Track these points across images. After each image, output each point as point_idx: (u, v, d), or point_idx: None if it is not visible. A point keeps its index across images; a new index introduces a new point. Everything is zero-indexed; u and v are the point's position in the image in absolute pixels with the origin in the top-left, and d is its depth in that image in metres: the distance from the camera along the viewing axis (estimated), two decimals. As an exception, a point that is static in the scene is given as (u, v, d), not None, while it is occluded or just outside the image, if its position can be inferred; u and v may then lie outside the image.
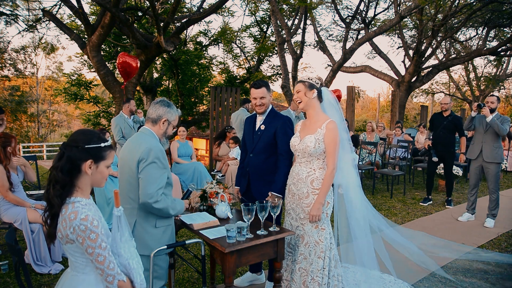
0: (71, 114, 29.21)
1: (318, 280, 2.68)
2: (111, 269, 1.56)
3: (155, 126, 2.51)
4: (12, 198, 3.68)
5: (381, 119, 30.67)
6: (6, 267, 3.65)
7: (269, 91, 3.12)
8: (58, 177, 1.57)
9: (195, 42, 15.10)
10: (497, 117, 5.17)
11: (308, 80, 2.82)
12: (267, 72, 16.04)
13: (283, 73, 11.33)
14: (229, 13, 14.53)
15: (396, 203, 6.55)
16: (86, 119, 14.44)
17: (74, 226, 1.51)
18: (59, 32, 12.95)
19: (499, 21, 13.03)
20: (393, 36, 16.25)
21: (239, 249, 2.32)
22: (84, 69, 14.09)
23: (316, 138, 2.73)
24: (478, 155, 5.37)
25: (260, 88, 3.08)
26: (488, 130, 5.26)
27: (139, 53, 8.50)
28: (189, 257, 4.08)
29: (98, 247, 1.52)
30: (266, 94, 3.09)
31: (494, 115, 5.16)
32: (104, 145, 1.66)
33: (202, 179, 6.24)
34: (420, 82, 14.25)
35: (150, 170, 2.32)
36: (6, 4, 11.15)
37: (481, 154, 5.34)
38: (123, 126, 6.14)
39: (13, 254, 2.03)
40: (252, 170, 3.17)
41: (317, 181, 2.74)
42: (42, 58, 37.98)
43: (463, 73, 22.33)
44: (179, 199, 2.57)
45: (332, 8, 13.52)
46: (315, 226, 2.75)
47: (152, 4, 6.93)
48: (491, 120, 5.10)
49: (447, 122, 6.15)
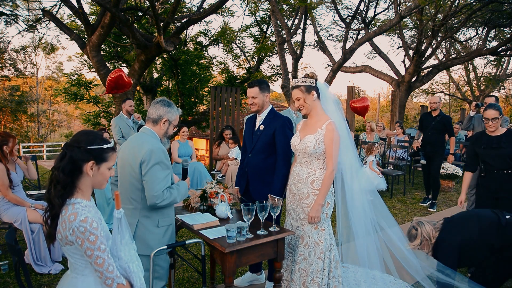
0: (71, 114, 29.22)
1: (318, 281, 2.68)
2: (110, 272, 1.55)
3: (156, 126, 2.50)
4: (12, 197, 3.68)
5: (381, 119, 30.66)
6: (6, 267, 3.65)
7: (262, 91, 3.08)
8: (60, 177, 1.57)
9: (195, 42, 15.10)
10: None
11: (303, 83, 2.75)
12: (267, 72, 16.04)
13: (283, 73, 11.34)
14: (229, 13, 14.53)
15: (396, 203, 6.55)
16: (86, 119, 14.44)
17: (73, 228, 1.51)
18: (59, 32, 12.96)
19: (499, 21, 13.03)
20: (393, 36, 16.26)
21: (239, 249, 2.32)
22: (84, 69, 14.11)
23: (316, 139, 2.72)
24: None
25: (252, 88, 3.08)
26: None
27: (139, 53, 8.50)
28: (189, 257, 4.08)
29: (97, 250, 1.52)
30: (258, 94, 3.07)
31: None
32: (107, 147, 1.65)
33: (202, 179, 6.24)
34: (420, 82, 14.25)
35: (154, 172, 2.32)
36: (6, 4, 11.16)
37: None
38: (122, 126, 6.14)
39: (13, 254, 2.03)
40: (251, 170, 3.16)
41: (317, 182, 2.74)
42: (42, 58, 38.04)
43: (463, 73, 22.36)
44: (181, 182, 2.56)
45: (332, 8, 13.53)
46: (315, 227, 2.74)
47: (152, 4, 6.93)
48: None
49: (435, 123, 5.97)
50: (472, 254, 2.97)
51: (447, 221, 3.13)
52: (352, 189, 2.95)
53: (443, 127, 5.98)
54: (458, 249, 2.93)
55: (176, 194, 2.42)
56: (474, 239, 2.94)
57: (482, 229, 2.95)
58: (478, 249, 2.94)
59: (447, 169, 7.24)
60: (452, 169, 7.23)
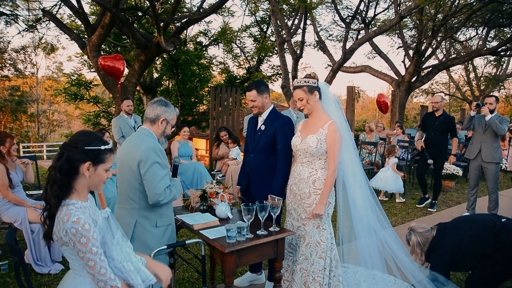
0: (71, 114, 29.23)
1: (319, 280, 2.68)
2: (102, 275, 1.53)
3: (153, 126, 2.51)
4: (12, 197, 3.68)
5: (381, 119, 30.66)
6: (6, 267, 3.65)
7: (261, 93, 3.07)
8: (56, 177, 1.56)
9: (195, 42, 15.11)
10: (496, 117, 5.15)
11: (306, 84, 2.75)
12: (267, 72, 16.04)
13: (283, 73, 11.34)
14: (229, 13, 14.54)
15: (396, 203, 6.55)
16: (86, 119, 14.46)
17: (66, 229, 1.49)
18: (59, 32, 12.97)
19: (499, 21, 13.03)
20: (393, 36, 16.27)
21: (239, 249, 2.31)
22: (84, 69, 14.12)
23: (318, 138, 2.72)
24: (476, 155, 5.36)
25: (250, 91, 3.07)
26: (487, 130, 5.24)
27: (139, 53, 8.50)
28: (189, 257, 4.08)
29: (89, 252, 1.50)
30: (256, 96, 3.06)
31: (494, 115, 5.15)
32: (104, 148, 1.64)
33: (202, 179, 6.24)
34: (420, 82, 14.25)
35: (154, 171, 2.33)
36: (6, 4, 11.16)
37: (480, 154, 5.32)
38: (123, 126, 6.15)
39: (13, 254, 2.03)
40: (252, 170, 3.16)
41: (319, 181, 2.74)
42: (42, 58, 38.04)
43: (463, 73, 22.36)
44: (174, 180, 2.57)
45: (332, 8, 13.53)
46: (316, 227, 2.75)
47: (152, 4, 6.93)
48: (490, 119, 5.08)
49: (438, 123, 5.85)
50: (462, 260, 2.96)
51: (441, 227, 3.12)
52: (354, 188, 2.96)
53: (446, 127, 5.85)
54: (449, 253, 2.92)
55: (175, 191, 2.47)
56: (464, 244, 2.92)
57: (475, 235, 2.93)
58: (467, 256, 2.93)
59: (447, 169, 7.23)
60: (452, 169, 7.23)
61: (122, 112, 6.34)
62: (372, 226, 3.05)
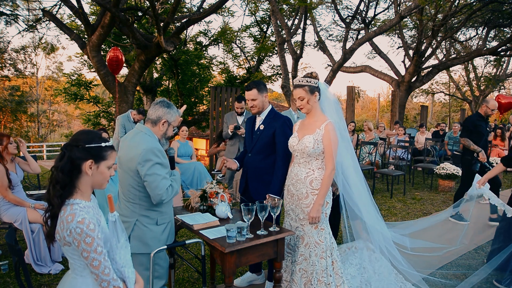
0: (71, 114, 29.22)
1: (324, 281, 2.68)
2: (105, 275, 1.53)
3: (155, 127, 2.50)
4: (11, 198, 3.67)
5: (381, 119, 30.69)
6: (6, 267, 3.65)
7: (261, 92, 3.08)
8: (59, 177, 1.56)
9: (195, 42, 15.11)
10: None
11: (308, 84, 2.74)
12: (267, 72, 16.05)
13: (283, 73, 11.34)
14: (229, 13, 14.55)
15: (396, 203, 6.55)
16: (86, 119, 14.46)
17: (70, 229, 1.49)
18: (59, 32, 12.97)
19: (499, 21, 13.04)
20: (393, 36, 16.28)
21: (239, 249, 2.31)
22: (84, 69, 14.12)
23: (315, 139, 2.72)
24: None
25: (250, 90, 3.07)
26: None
27: (139, 53, 8.50)
28: (189, 257, 4.08)
29: (94, 252, 1.50)
30: (257, 96, 3.06)
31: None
32: (105, 145, 1.64)
33: (202, 179, 6.24)
34: (420, 82, 14.26)
35: (154, 172, 2.33)
36: (6, 4, 11.16)
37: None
38: (127, 125, 6.18)
39: (13, 254, 2.03)
40: (250, 170, 3.17)
41: (316, 182, 2.74)
42: (42, 58, 38.02)
43: (463, 73, 22.37)
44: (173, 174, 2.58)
45: (332, 8, 13.53)
46: (315, 227, 2.75)
47: (152, 4, 6.93)
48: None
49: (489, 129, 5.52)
50: None
51: None
52: (358, 186, 2.98)
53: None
54: None
55: (176, 186, 2.50)
56: None
57: None
58: None
59: (447, 169, 7.23)
60: (452, 169, 7.23)
61: (129, 111, 6.35)
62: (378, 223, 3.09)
